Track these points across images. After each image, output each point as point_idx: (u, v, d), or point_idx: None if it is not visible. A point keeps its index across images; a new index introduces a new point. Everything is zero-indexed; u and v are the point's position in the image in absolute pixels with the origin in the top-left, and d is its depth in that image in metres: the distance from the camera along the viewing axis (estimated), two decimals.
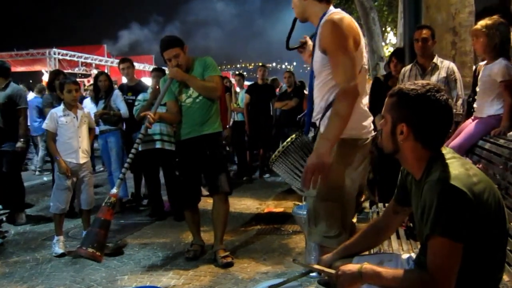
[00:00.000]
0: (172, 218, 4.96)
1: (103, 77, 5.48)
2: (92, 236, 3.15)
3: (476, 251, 1.47)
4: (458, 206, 1.40)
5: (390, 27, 12.86)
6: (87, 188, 4.10)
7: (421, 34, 3.92)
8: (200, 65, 3.64)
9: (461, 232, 1.40)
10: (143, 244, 4.17)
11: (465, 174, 1.46)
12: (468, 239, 1.42)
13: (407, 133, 1.56)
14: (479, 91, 3.14)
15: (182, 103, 3.64)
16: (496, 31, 2.97)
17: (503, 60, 2.96)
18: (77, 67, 20.07)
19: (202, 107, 3.61)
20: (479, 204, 1.43)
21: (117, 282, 3.32)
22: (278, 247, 3.97)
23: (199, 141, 3.61)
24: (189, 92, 3.61)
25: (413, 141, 1.56)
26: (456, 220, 1.40)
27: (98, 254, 3.08)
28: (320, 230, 2.27)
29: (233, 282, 3.23)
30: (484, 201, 1.45)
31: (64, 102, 4.11)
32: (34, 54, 18.71)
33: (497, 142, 2.63)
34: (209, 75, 3.60)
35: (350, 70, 2.11)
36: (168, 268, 3.57)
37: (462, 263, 1.44)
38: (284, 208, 5.29)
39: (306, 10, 2.28)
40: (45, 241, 4.33)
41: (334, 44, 2.11)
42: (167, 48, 3.54)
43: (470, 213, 1.41)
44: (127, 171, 3.53)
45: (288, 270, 3.42)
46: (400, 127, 1.56)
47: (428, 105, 1.52)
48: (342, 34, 2.10)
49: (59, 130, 4.04)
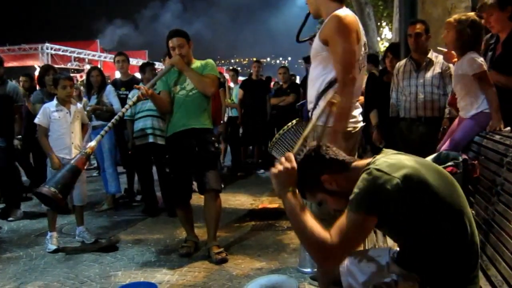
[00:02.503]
0: (165, 214, 4.94)
1: (95, 72, 5.46)
2: (58, 177, 3.09)
3: (434, 242, 1.52)
4: (365, 182, 1.48)
5: (385, 22, 12.86)
6: (80, 184, 4.06)
7: (414, 29, 3.91)
8: (201, 64, 3.73)
9: (363, 204, 1.47)
10: (136, 240, 4.16)
11: (383, 161, 1.53)
12: (397, 216, 1.48)
13: (330, 176, 1.68)
14: (457, 91, 3.11)
15: (175, 94, 3.67)
16: (467, 27, 2.90)
17: (470, 54, 2.90)
18: (69, 62, 19.95)
19: (194, 102, 3.63)
20: (404, 187, 1.46)
21: (110, 278, 3.31)
22: (273, 243, 3.97)
23: (187, 136, 3.62)
24: (184, 84, 3.65)
25: (339, 177, 1.67)
26: (362, 195, 1.48)
27: (60, 197, 3.00)
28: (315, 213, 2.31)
29: (227, 278, 3.23)
30: (414, 185, 1.47)
31: (58, 97, 4.07)
32: (27, 49, 18.60)
33: (493, 138, 2.62)
34: (208, 73, 3.67)
35: (350, 61, 2.33)
36: (162, 264, 3.56)
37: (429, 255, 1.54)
38: (279, 204, 5.28)
39: (319, 8, 2.52)
40: (38, 237, 4.30)
41: (337, 36, 2.30)
42: (174, 36, 3.63)
43: (398, 193, 1.44)
44: (113, 126, 3.53)
45: (282, 266, 3.42)
46: (325, 181, 1.68)
47: (312, 157, 1.71)
48: (345, 27, 2.30)
49: (51, 125, 4.00)
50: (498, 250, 1.98)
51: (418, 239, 1.56)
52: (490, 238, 2.09)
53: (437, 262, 1.57)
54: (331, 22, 2.33)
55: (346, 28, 2.29)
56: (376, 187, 1.46)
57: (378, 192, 1.46)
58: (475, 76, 2.88)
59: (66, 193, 3.11)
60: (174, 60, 3.60)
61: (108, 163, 5.26)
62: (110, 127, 3.45)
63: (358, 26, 2.41)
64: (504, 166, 2.23)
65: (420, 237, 1.54)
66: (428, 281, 1.59)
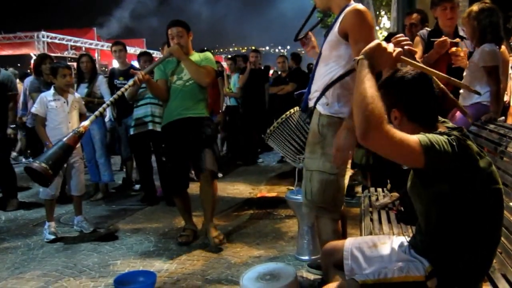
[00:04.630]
0: (164, 203, 4.95)
1: (85, 58, 5.35)
2: (49, 153, 3.08)
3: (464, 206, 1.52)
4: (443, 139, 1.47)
5: (384, 11, 12.76)
6: (78, 174, 4.06)
7: (410, 20, 3.89)
8: (199, 56, 3.74)
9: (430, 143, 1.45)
10: (135, 229, 4.17)
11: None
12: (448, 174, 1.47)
13: (401, 117, 1.63)
14: (465, 77, 3.11)
15: (172, 84, 3.67)
16: (488, 16, 2.90)
17: (487, 46, 2.89)
18: (66, 51, 19.75)
19: (191, 92, 3.64)
20: (463, 153, 1.47)
21: (109, 267, 3.32)
22: (271, 231, 3.98)
23: (183, 124, 3.62)
24: (181, 74, 3.66)
25: (409, 123, 1.62)
26: (437, 139, 1.46)
27: (50, 173, 2.99)
28: (316, 201, 2.38)
29: (225, 266, 3.24)
30: (470, 155, 1.50)
31: (55, 86, 4.04)
32: (22, 38, 18.40)
33: (487, 127, 2.63)
34: (205, 64, 3.68)
35: None
36: (160, 253, 3.57)
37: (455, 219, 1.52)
38: (277, 193, 5.30)
39: (329, 1, 2.44)
40: (36, 227, 4.31)
41: (361, 33, 2.23)
42: (174, 25, 3.64)
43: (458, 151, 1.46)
44: (108, 107, 3.59)
45: (280, 254, 3.44)
46: (392, 114, 1.64)
47: (408, 84, 1.63)
48: (368, 24, 2.27)
49: (48, 115, 3.98)
50: None
51: (452, 212, 1.53)
52: None
53: (458, 248, 1.55)
54: (355, 15, 2.27)
55: (368, 25, 2.26)
56: (448, 144, 1.46)
57: (447, 150, 1.45)
58: (485, 69, 2.88)
59: (57, 170, 3.09)
60: (172, 49, 3.59)
61: (100, 153, 5.22)
62: (104, 108, 3.45)
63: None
64: (498, 155, 2.25)
65: (456, 210, 1.53)
66: (438, 271, 1.58)
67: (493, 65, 2.86)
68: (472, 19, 2.95)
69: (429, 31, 3.41)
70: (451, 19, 3.30)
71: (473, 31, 2.97)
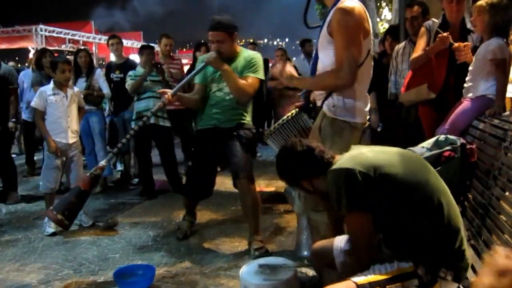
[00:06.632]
0: (162, 197, 4.96)
1: (83, 53, 5.34)
2: (66, 203, 3.08)
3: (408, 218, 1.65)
4: (348, 182, 1.64)
5: (385, 3, 12.70)
6: (77, 168, 4.07)
7: (411, 12, 3.87)
8: (244, 59, 3.33)
9: (360, 203, 1.65)
10: (134, 223, 4.18)
11: (350, 157, 1.74)
12: (373, 207, 1.65)
13: (310, 181, 1.89)
14: (471, 71, 3.10)
15: (210, 92, 3.37)
16: (501, 10, 2.87)
17: (497, 39, 2.89)
18: (64, 44, 19.62)
19: (231, 105, 3.34)
20: (380, 175, 1.65)
21: (108, 260, 3.34)
22: (270, 226, 3.99)
23: (220, 133, 3.38)
24: (221, 84, 3.32)
25: (317, 180, 1.87)
26: (353, 195, 1.65)
27: (66, 223, 3.01)
28: (309, 204, 2.41)
29: (224, 261, 3.25)
30: (386, 172, 1.66)
31: (55, 81, 4.04)
32: (20, 31, 18.25)
33: (491, 122, 2.61)
34: (248, 75, 3.27)
35: (353, 65, 2.24)
36: (159, 246, 3.58)
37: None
38: (276, 188, 5.29)
39: None
40: (36, 220, 4.31)
41: (343, 36, 2.20)
42: (212, 30, 3.22)
43: (364, 184, 1.63)
44: (123, 146, 3.37)
45: (279, 248, 3.45)
46: (305, 185, 1.91)
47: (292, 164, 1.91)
48: (352, 25, 2.19)
49: (48, 109, 3.98)
50: (494, 234, 2.00)
51: (392, 217, 1.68)
52: (486, 222, 2.11)
53: (416, 239, 1.66)
54: (338, 15, 2.20)
55: (352, 27, 2.17)
56: (356, 184, 1.65)
57: (363, 190, 1.65)
58: (493, 62, 2.87)
59: (72, 219, 3.11)
60: (210, 59, 3.18)
61: (99, 146, 5.23)
62: (131, 134, 3.34)
63: (366, 18, 2.28)
64: (502, 150, 2.23)
65: (394, 215, 1.67)
66: (418, 261, 1.65)
67: (502, 58, 2.85)
68: (483, 13, 2.92)
69: (439, 24, 3.37)
70: (457, 11, 3.28)
71: (484, 25, 2.94)
